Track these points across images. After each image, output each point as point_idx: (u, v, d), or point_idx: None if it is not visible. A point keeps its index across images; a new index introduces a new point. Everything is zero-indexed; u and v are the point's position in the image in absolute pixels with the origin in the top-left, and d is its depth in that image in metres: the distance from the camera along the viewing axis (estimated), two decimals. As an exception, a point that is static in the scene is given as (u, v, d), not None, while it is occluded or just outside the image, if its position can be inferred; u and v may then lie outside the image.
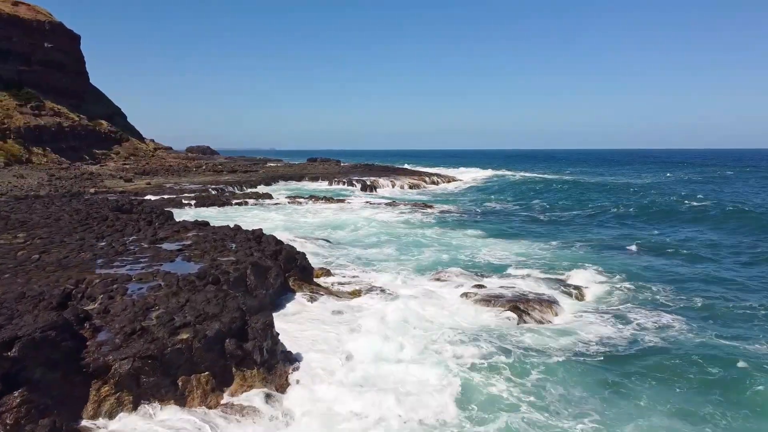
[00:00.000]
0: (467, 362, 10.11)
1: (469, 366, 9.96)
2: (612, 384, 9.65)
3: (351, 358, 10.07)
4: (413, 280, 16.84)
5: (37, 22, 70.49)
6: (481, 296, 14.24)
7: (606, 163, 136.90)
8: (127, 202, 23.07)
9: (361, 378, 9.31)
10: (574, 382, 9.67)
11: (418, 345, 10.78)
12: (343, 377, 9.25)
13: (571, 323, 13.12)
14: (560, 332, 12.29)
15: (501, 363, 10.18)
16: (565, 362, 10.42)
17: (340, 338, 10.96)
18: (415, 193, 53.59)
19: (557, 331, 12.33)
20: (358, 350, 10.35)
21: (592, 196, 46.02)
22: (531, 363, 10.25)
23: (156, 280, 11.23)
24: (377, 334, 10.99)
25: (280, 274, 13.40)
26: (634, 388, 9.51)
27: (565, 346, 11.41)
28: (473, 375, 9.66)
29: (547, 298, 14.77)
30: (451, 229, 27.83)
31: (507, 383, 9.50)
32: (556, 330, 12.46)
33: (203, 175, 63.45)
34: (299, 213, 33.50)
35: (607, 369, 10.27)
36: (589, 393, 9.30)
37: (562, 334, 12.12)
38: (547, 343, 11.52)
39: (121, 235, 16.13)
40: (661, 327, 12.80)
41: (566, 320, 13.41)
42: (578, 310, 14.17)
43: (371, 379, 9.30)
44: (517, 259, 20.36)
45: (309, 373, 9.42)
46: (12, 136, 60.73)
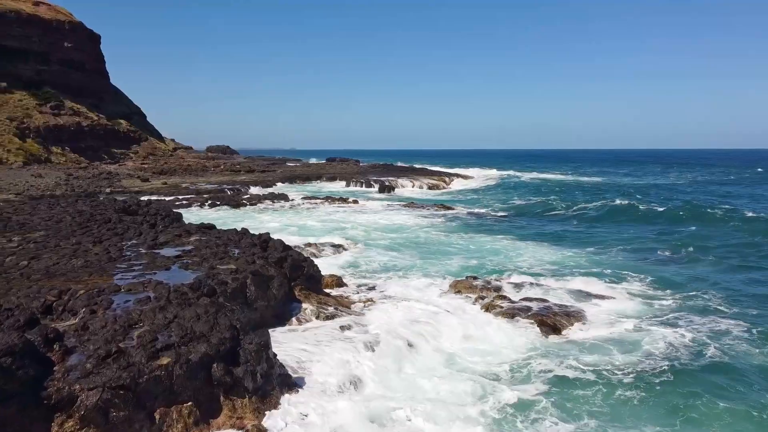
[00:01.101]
0: (499, 402, 8.83)
1: (500, 407, 8.69)
2: (682, 409, 8.48)
3: (359, 384, 8.94)
4: (432, 290, 15.66)
5: (57, 22, 70.69)
6: (505, 309, 13.02)
7: (624, 164, 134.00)
8: (134, 203, 22.25)
9: (372, 411, 8.15)
10: (628, 412, 8.45)
11: (437, 368, 9.62)
12: (349, 408, 8.11)
13: (606, 337, 11.81)
14: (591, 349, 11.04)
15: (537, 393, 8.98)
16: (604, 384, 9.20)
17: (348, 359, 9.82)
18: (434, 194, 52.31)
19: (588, 348, 11.08)
20: (368, 374, 9.22)
21: (617, 197, 44.32)
22: (561, 392, 9.02)
23: (146, 291, 10.23)
24: (390, 356, 9.86)
25: (285, 284, 12.33)
26: (706, 413, 8.35)
27: (601, 364, 10.17)
28: (505, 413, 8.45)
29: (577, 310, 13.53)
30: (476, 233, 26.54)
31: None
32: (586, 346, 11.21)
33: (220, 175, 62.96)
34: (314, 215, 32.50)
35: (662, 392, 9.05)
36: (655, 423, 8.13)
37: (594, 351, 10.87)
38: (576, 363, 10.27)
39: (120, 239, 15.22)
40: (717, 337, 11.64)
41: (599, 334, 12.07)
42: (613, 322, 12.85)
43: (382, 414, 8.11)
44: (549, 267, 19.06)
45: (309, 400, 8.32)
46: (31, 135, 60.88)
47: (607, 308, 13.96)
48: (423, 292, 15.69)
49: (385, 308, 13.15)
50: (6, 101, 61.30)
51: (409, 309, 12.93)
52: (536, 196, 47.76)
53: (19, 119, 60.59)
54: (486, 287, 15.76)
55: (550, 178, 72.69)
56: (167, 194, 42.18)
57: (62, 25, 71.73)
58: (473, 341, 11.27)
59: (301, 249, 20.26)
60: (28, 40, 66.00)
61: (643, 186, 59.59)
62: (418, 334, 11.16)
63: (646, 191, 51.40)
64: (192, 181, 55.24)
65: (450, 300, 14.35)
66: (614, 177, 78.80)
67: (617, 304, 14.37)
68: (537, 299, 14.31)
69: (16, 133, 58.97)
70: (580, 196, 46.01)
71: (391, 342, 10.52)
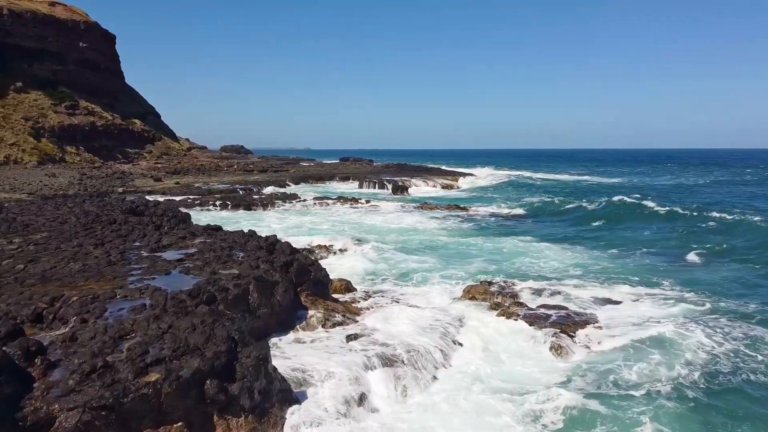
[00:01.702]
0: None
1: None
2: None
3: (364, 401, 8.32)
4: (446, 295, 15.01)
5: (72, 22, 70.99)
6: (522, 317, 12.31)
7: (637, 164, 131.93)
8: (141, 203, 21.85)
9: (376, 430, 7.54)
10: None
11: (451, 389, 8.95)
12: (351, 428, 7.49)
13: (636, 348, 10.95)
14: (623, 362, 10.25)
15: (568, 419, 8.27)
16: (646, 403, 8.45)
17: (353, 372, 9.19)
18: (448, 194, 51.56)
19: (619, 361, 10.28)
20: (376, 392, 8.59)
21: (637, 197, 43.23)
22: (598, 415, 8.29)
23: (142, 298, 9.71)
24: (400, 372, 9.21)
25: (290, 290, 11.74)
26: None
27: (637, 380, 9.43)
28: None
29: (601, 317, 12.79)
30: (494, 234, 25.82)
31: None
32: (615, 359, 10.40)
33: (233, 175, 62.74)
34: (325, 215, 31.96)
35: (711, 409, 8.32)
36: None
37: (627, 365, 10.09)
38: (607, 380, 9.54)
39: (123, 241, 14.74)
40: (755, 345, 10.79)
41: (628, 345, 11.12)
42: (643, 330, 12.00)
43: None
44: (570, 270, 18.32)
45: (311, 419, 7.71)
46: (46, 135, 61.12)
47: (633, 314, 13.14)
48: (436, 297, 15.07)
49: (395, 316, 12.50)
50: (21, 101, 61.59)
51: (421, 317, 12.28)
52: (551, 195, 46.80)
53: (34, 119, 60.85)
54: (501, 293, 15.08)
55: (564, 179, 71.58)
56: (179, 194, 41.93)
57: (78, 25, 72.02)
58: (489, 357, 10.55)
59: (310, 251, 19.71)
60: (44, 40, 66.30)
61: (663, 186, 58.33)
62: (430, 348, 10.49)
63: (666, 191, 50.24)
64: (204, 180, 55.05)
65: (464, 307, 13.67)
66: (631, 177, 77.41)
67: (645, 310, 13.56)
68: (557, 306, 13.59)
69: (31, 132, 59.23)
70: (597, 196, 44.98)
71: (402, 355, 9.88)
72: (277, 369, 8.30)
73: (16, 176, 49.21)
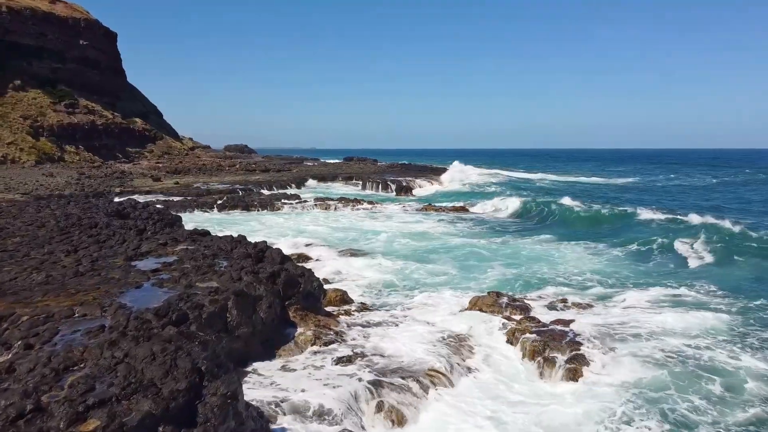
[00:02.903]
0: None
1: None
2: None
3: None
4: (450, 307, 13.76)
5: (73, 20, 70.05)
6: (534, 338, 11.02)
7: (643, 164, 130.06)
8: (129, 205, 20.70)
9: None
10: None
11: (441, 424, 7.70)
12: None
13: (677, 374, 9.55)
14: (665, 393, 8.94)
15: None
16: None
17: (343, 404, 7.98)
18: (454, 194, 50.25)
19: (659, 393, 8.90)
20: (366, 425, 7.37)
21: (655, 198, 41.85)
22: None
23: (102, 318, 8.53)
24: (393, 408, 7.97)
25: (276, 305, 10.53)
26: None
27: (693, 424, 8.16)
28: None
29: (629, 334, 11.51)
30: (504, 237, 24.52)
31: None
32: (654, 392, 8.96)
33: (234, 175, 61.62)
34: (325, 218, 30.75)
35: None
36: None
37: (673, 397, 8.80)
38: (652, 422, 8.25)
39: (99, 247, 13.57)
40: None
41: (666, 371, 9.63)
42: (681, 351, 10.70)
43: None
44: (589, 276, 17.10)
45: (289, 468, 6.50)
46: (45, 134, 60.19)
47: (665, 329, 11.82)
48: (439, 309, 13.85)
49: (392, 333, 11.29)
50: (20, 99, 60.68)
51: (420, 335, 11.06)
52: (564, 196, 45.41)
53: (32, 117, 59.92)
54: (511, 305, 13.81)
55: (581, 181, 70.19)
56: (177, 194, 40.83)
57: (78, 23, 71.10)
58: (490, 387, 9.26)
59: (305, 257, 18.52)
60: (44, 37, 65.37)
61: (679, 186, 56.86)
62: (427, 376, 9.25)
63: (687, 192, 48.84)
64: (205, 180, 53.96)
65: (469, 322, 12.39)
66: (647, 177, 75.81)
67: (678, 322, 12.20)
68: (574, 321, 12.32)
69: (30, 131, 58.29)
70: (613, 197, 43.59)
71: (396, 383, 8.65)
72: (251, 406, 7.09)
73: (12, 176, 48.21)
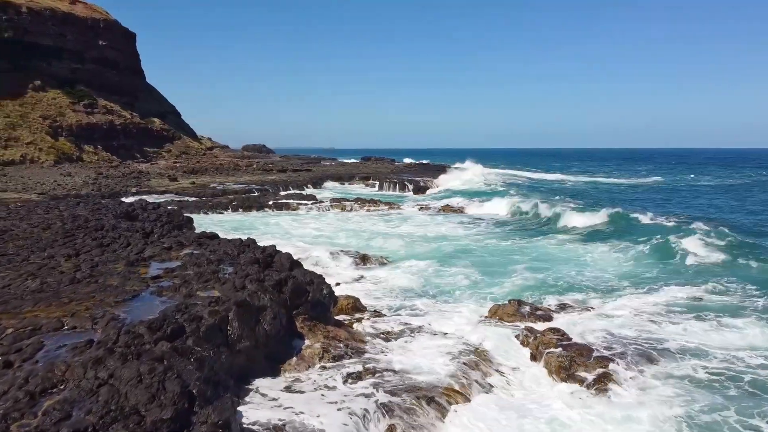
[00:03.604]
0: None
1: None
2: None
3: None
4: (469, 316, 12.99)
5: (92, 20, 70.39)
6: (559, 353, 10.20)
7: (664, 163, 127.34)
8: (139, 206, 20.23)
9: None
10: None
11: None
12: None
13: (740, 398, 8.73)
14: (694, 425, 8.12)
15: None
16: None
17: (350, 429, 7.27)
18: (474, 193, 49.30)
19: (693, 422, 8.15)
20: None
21: (689, 198, 40.57)
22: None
23: (93, 331, 7.92)
24: (402, 420, 7.23)
25: (281, 315, 9.84)
26: None
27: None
28: None
29: (668, 350, 10.64)
30: (526, 238, 23.64)
31: None
32: (689, 416, 8.23)
33: (251, 175, 61.33)
34: (340, 219, 30.10)
35: None
36: None
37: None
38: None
39: (101, 251, 13.03)
40: None
41: (723, 397, 8.83)
42: (738, 367, 9.83)
43: None
44: (619, 282, 16.21)
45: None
46: (64, 134, 60.47)
47: (705, 342, 10.92)
48: (458, 317, 13.10)
49: (406, 345, 10.57)
50: (39, 100, 61.04)
51: (437, 348, 10.30)
52: (588, 198, 44.24)
53: (52, 118, 60.23)
54: (534, 314, 13.01)
55: (602, 181, 68.77)
56: (192, 194, 40.54)
57: (97, 24, 71.44)
58: (518, 410, 8.42)
59: (317, 261, 17.87)
60: (63, 38, 65.72)
61: (708, 186, 55.30)
62: (444, 395, 8.49)
63: (719, 192, 47.37)
64: (221, 180, 53.69)
65: (490, 333, 11.59)
66: (671, 176, 74.05)
67: (718, 334, 11.32)
68: (604, 331, 11.47)
69: (49, 131, 58.58)
70: (639, 197, 42.35)
71: (409, 404, 7.90)
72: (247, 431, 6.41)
73: (30, 175, 48.39)
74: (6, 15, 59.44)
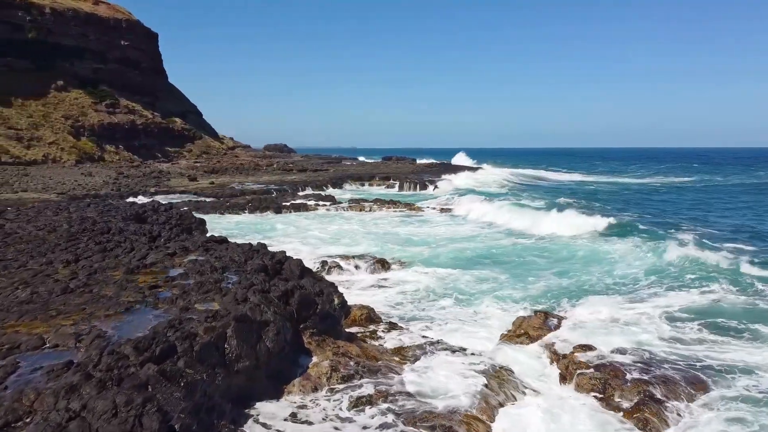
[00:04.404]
0: None
1: None
2: None
3: None
4: (492, 330, 12.08)
5: (114, 20, 70.75)
6: (590, 375, 9.23)
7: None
8: (150, 207, 19.66)
9: None
10: None
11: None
12: None
13: None
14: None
15: None
16: None
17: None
18: (496, 194, 48.16)
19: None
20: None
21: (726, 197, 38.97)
22: None
23: (75, 350, 7.19)
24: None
25: (286, 330, 9.03)
26: None
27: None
28: None
29: (722, 369, 9.60)
30: (549, 239, 22.63)
31: None
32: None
33: (271, 174, 60.98)
34: (359, 221, 29.29)
35: None
36: None
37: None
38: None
39: (103, 257, 12.37)
40: None
41: None
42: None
43: None
44: (651, 285, 15.17)
45: None
46: (86, 133, 60.78)
47: (756, 360, 9.86)
48: (480, 331, 12.23)
49: (423, 363, 9.69)
50: (62, 100, 61.42)
51: (457, 368, 9.41)
52: (618, 198, 42.88)
53: (74, 117, 60.58)
54: (561, 326, 12.05)
55: (627, 182, 66.95)
56: (210, 195, 40.20)
57: (119, 24, 71.79)
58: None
59: (333, 266, 17.08)
60: (86, 38, 66.13)
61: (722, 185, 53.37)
62: (463, 424, 7.59)
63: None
64: (241, 180, 53.38)
65: (515, 350, 10.67)
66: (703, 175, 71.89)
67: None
68: (641, 350, 10.44)
69: (71, 131, 58.90)
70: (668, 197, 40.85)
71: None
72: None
73: (51, 175, 48.59)
74: (29, 15, 59.89)
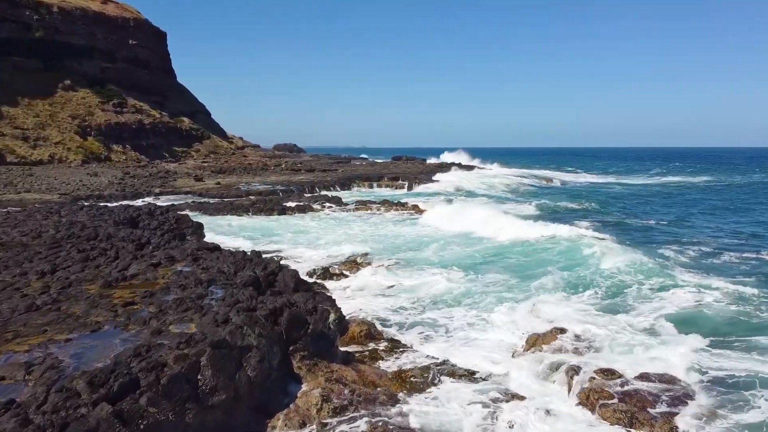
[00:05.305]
0: None
1: None
2: None
3: None
4: (504, 350, 11.05)
5: (122, 20, 70.30)
6: (614, 407, 8.16)
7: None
8: (145, 211, 18.80)
9: None
10: None
11: None
12: None
13: None
14: None
15: None
16: None
17: None
18: (503, 195, 46.98)
19: None
20: None
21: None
22: None
23: (23, 384, 6.27)
24: None
25: (272, 355, 8.06)
26: None
27: None
28: None
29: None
30: (562, 241, 21.49)
31: None
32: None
33: (278, 175, 60.12)
34: (365, 223, 28.29)
35: None
36: None
37: None
38: None
39: (82, 267, 11.48)
40: None
41: None
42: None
43: None
44: (667, 291, 14.06)
45: None
46: (93, 133, 60.30)
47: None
48: (489, 349, 11.21)
49: (426, 392, 8.68)
50: (69, 99, 61.00)
51: (464, 396, 8.39)
52: (620, 198, 41.55)
53: (81, 117, 60.12)
54: (579, 344, 10.99)
55: (640, 183, 65.44)
56: (216, 195, 39.45)
57: (128, 23, 71.34)
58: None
59: (336, 273, 16.12)
60: (93, 37, 65.69)
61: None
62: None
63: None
64: (247, 180, 52.55)
65: (528, 372, 9.64)
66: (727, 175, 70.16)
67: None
68: (666, 376, 9.36)
69: (78, 131, 58.44)
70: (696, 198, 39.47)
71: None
72: None
73: (56, 175, 48.05)
74: (37, 14, 59.53)
